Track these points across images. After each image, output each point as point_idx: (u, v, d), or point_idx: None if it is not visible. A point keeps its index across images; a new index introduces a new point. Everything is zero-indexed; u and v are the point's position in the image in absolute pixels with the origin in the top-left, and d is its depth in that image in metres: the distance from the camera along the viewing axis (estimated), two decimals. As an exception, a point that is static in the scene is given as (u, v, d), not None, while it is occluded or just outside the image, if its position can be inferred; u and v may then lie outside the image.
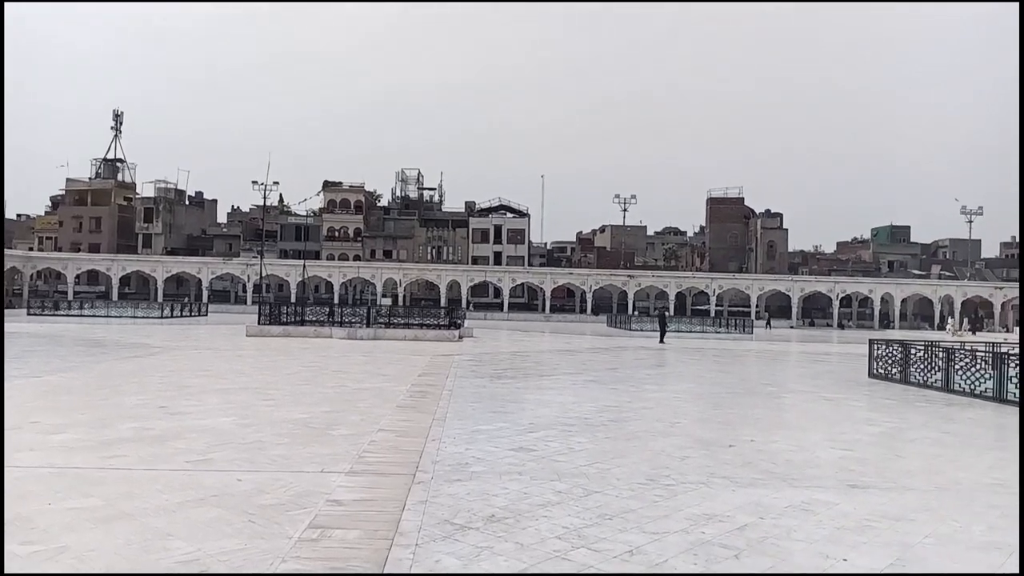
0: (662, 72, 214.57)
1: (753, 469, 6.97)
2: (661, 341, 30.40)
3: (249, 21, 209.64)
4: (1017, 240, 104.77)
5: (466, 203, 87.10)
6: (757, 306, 68.64)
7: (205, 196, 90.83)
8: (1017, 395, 12.47)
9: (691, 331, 44.56)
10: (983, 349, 14.66)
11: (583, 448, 7.72)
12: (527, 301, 74.55)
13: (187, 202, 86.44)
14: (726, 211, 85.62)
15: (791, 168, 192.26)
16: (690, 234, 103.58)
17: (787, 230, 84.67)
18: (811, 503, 5.76)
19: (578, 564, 4.26)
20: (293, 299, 60.76)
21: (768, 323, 60.05)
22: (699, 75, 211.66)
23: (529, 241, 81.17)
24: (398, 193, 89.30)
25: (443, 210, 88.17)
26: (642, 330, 43.66)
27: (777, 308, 72.24)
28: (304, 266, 61.72)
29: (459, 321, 32.17)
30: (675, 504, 5.63)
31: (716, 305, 68.58)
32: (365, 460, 6.81)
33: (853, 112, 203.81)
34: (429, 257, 77.36)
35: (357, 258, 77.09)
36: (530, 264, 77.45)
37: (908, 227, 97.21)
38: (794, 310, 68.83)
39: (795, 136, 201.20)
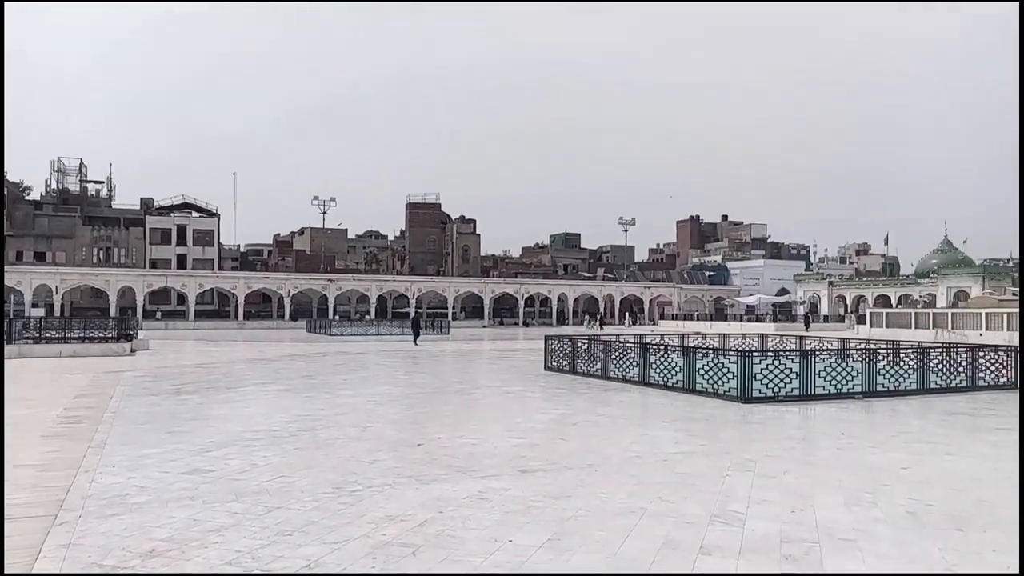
0: (361, 75, 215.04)
1: (437, 465, 7.27)
2: (415, 343, 33.25)
3: None
4: (661, 246, 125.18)
5: (143, 200, 77.71)
6: (454, 307, 72.20)
7: None
8: (658, 379, 14.80)
9: (391, 334, 45.25)
10: (633, 341, 17.20)
11: (267, 463, 7.35)
12: (217, 308, 69.06)
13: None
14: (425, 216, 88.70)
15: (483, 177, 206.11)
16: (391, 238, 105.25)
17: (480, 235, 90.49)
18: (486, 491, 6.18)
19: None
20: (-99, 312, 48.45)
21: (432, 325, 51.49)
22: (394, 81, 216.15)
23: (219, 243, 75.35)
24: (54, 185, 76.57)
25: (113, 207, 77.62)
26: (343, 335, 43.20)
27: (472, 309, 76.81)
28: (-82, 271, 49.54)
29: (132, 332, 28.60)
30: (359, 509, 5.62)
31: (416, 307, 70.56)
32: (-11, 505, 5.65)
33: (543, 130, 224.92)
34: (96, 260, 67.44)
35: (-3, 261, 64.28)
36: (221, 268, 71.87)
37: (579, 235, 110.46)
38: (486, 310, 73.76)
39: (486, 147, 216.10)
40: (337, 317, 62.58)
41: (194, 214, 75.78)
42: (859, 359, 14.16)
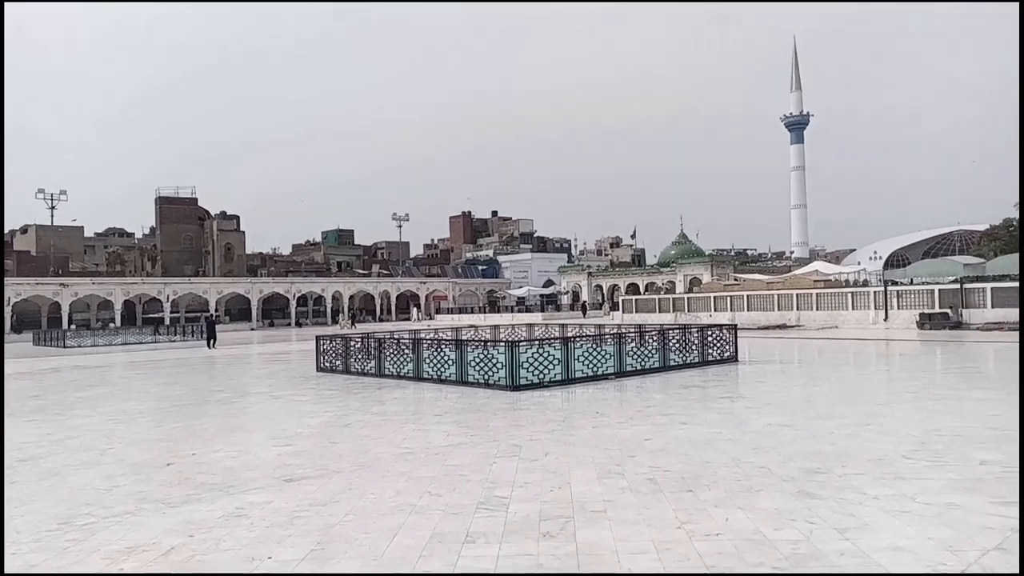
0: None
1: (190, 485, 6.65)
2: (212, 346, 32.24)
3: None
4: (436, 241, 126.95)
5: None
6: (217, 310, 67.00)
7: None
8: (432, 374, 14.93)
9: (141, 342, 40.85)
10: (408, 336, 17.22)
11: (-28, 504, 6.20)
12: (-89, 322, 57.29)
13: None
14: (179, 212, 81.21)
15: (243, 171, 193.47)
16: (139, 236, 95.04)
17: (244, 232, 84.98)
18: (245, 507, 5.78)
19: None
20: None
21: (190, 331, 46.41)
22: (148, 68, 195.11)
23: (-89, 244, 62.55)
24: None
25: None
26: (81, 346, 38.15)
27: (238, 311, 71.90)
28: None
29: None
30: (92, 544, 4.95)
31: (172, 312, 64.41)
32: None
33: (307, 125, 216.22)
34: None
35: None
36: (-86, 274, 59.68)
37: (352, 231, 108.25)
38: (254, 311, 69.50)
39: (246, 141, 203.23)
40: (73, 327, 55.13)
41: None
42: (612, 343, 15.49)
